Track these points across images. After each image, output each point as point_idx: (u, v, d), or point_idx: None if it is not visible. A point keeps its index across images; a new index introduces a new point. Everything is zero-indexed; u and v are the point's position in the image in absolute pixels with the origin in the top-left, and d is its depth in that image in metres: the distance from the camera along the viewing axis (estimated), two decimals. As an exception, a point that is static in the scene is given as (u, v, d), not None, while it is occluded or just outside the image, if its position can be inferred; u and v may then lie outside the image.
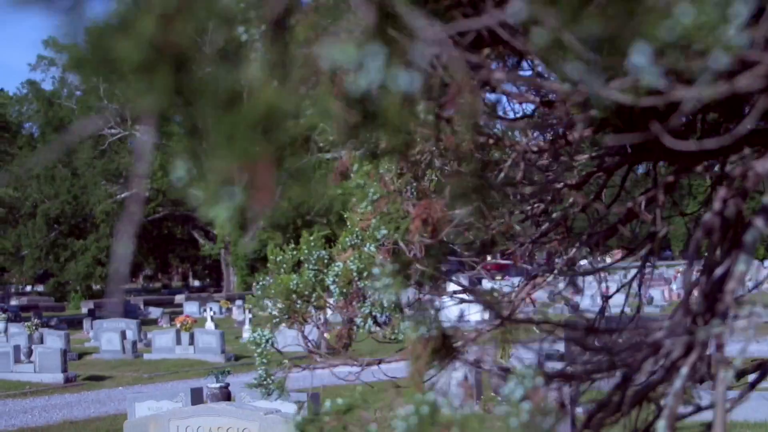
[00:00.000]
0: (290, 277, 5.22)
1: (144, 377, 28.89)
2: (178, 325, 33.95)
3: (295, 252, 5.46)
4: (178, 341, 33.50)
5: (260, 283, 5.33)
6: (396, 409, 1.96)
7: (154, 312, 56.41)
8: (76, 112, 75.17)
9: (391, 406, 3.57)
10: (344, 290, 5.00)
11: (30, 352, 29.74)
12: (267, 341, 5.10)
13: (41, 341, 33.10)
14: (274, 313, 5.04)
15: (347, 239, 5.18)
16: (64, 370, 28.42)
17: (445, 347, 2.31)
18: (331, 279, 5.09)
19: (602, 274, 3.66)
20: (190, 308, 51.91)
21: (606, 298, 3.50)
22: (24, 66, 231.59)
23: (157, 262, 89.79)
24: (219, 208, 1.44)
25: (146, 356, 33.75)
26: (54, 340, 32.82)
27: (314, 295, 5.13)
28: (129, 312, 51.34)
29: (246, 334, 38.65)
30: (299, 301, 5.15)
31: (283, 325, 5.71)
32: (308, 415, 2.05)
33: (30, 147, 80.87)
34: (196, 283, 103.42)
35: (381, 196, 2.76)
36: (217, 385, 15.02)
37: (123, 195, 74.23)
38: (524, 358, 2.12)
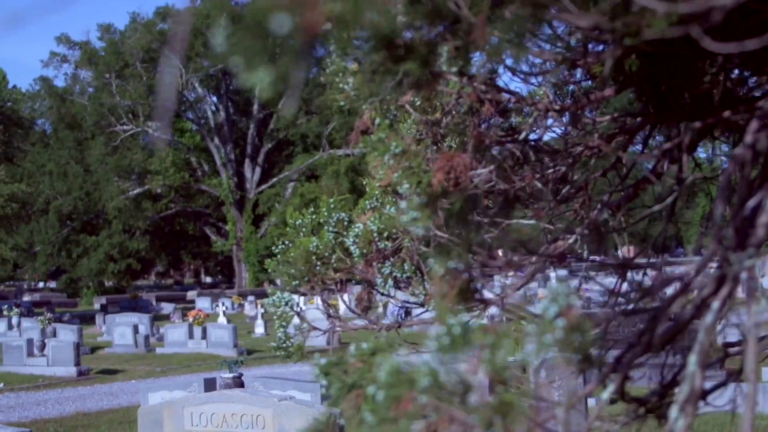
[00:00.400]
0: (310, 239, 5.18)
1: (156, 371, 28.91)
2: (191, 320, 33.96)
3: (314, 216, 5.42)
4: (191, 335, 33.52)
5: (279, 247, 5.29)
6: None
7: (167, 308, 56.44)
8: (89, 108, 75.18)
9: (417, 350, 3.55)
10: (364, 251, 4.96)
11: (43, 346, 29.78)
12: (286, 303, 5.06)
13: (54, 335, 33.13)
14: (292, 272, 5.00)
15: (367, 203, 5.13)
16: (77, 364, 28.47)
17: (470, 289, 2.28)
18: (351, 240, 5.05)
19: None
20: (202, 304, 51.94)
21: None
22: (36, 62, 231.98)
23: (169, 258, 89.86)
24: (260, 72, 1.42)
25: (159, 350, 33.79)
26: (67, 333, 32.87)
27: (334, 256, 5.09)
28: (141, 308, 51.43)
29: (259, 329, 38.69)
30: (319, 264, 5.11)
31: (303, 306, 5.68)
32: (332, 359, 2.02)
33: (42, 143, 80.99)
34: (208, 279, 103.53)
35: (403, 149, 2.72)
36: (231, 375, 14.98)
37: (135, 191, 74.36)
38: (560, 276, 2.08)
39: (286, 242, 5.24)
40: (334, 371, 2.01)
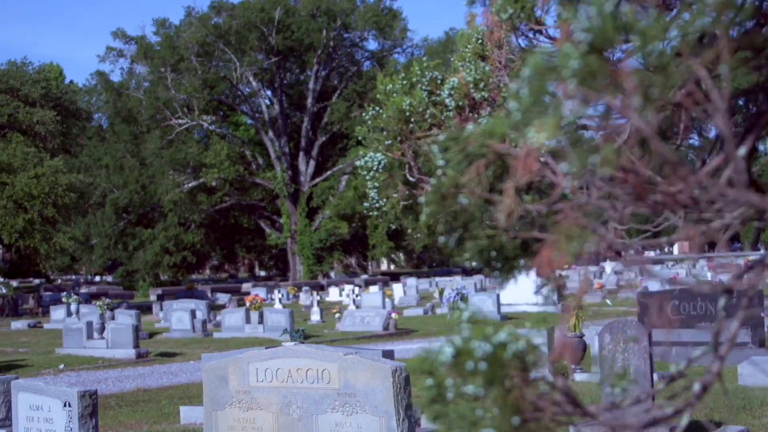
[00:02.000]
0: (402, 98, 5.12)
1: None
2: (248, 305, 34.06)
3: (404, 82, 5.36)
4: (248, 320, 33.61)
5: (370, 113, 5.24)
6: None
7: (222, 298, 56.76)
8: (144, 102, 75.79)
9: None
10: (460, 103, 4.90)
11: (102, 329, 30.03)
12: (378, 163, 5.01)
13: (113, 320, 33.41)
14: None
15: (459, 63, 5.07)
16: (136, 346, 28.65)
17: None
18: (447, 92, 4.99)
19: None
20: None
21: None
22: (91, 59, 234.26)
23: (223, 252, 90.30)
24: None
25: (216, 335, 33.94)
26: (125, 318, 33.13)
27: (428, 112, 5.02)
28: (197, 298, 51.70)
29: (315, 317, 38.72)
30: (413, 121, 5.05)
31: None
32: (451, 134, 1.95)
33: (99, 137, 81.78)
34: (262, 273, 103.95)
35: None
36: (292, 342, 14.99)
37: (190, 184, 74.84)
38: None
39: (376, 108, 5.18)
40: (453, 146, 1.94)
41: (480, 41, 4.76)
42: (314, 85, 78.53)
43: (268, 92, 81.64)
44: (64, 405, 11.55)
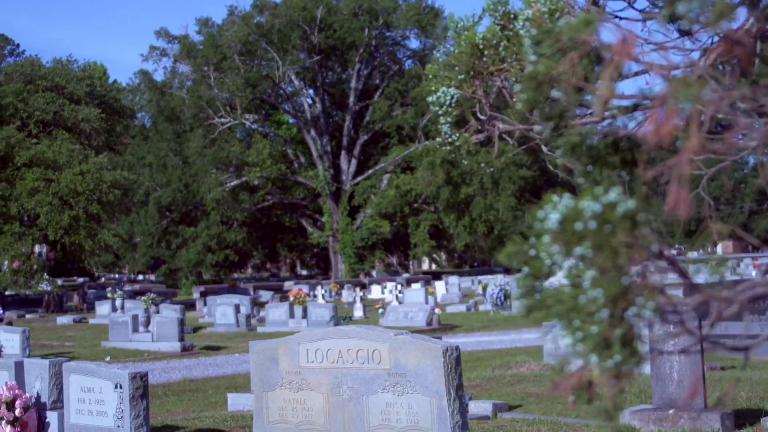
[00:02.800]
0: (475, 33, 5.10)
1: (259, 347, 29.09)
2: (291, 299, 34.14)
3: (474, 20, 5.34)
4: (291, 315, 33.71)
5: (440, 51, 5.23)
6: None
7: (265, 295, 56.98)
8: (187, 101, 76.20)
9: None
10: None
11: (148, 322, 30.20)
12: (451, 98, 4.99)
13: (158, 314, 33.62)
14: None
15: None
16: (181, 339, 28.80)
17: None
18: (521, 23, 4.97)
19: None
20: (300, 291, 52.22)
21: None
22: (133, 59, 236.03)
23: (265, 251, 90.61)
24: None
25: (260, 329, 34.05)
26: (170, 312, 33.29)
27: (502, 45, 5.01)
28: (240, 294, 51.93)
29: (357, 312, 38.75)
30: (486, 55, 5.03)
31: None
32: (544, 28, 1.94)
33: (142, 136, 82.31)
34: (304, 272, 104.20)
35: None
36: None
37: (233, 183, 75.15)
38: None
39: (445, 45, 5.17)
40: (546, 39, 1.92)
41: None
42: (356, 83, 78.61)
43: (310, 91, 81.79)
44: (116, 387, 11.64)
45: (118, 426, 11.60)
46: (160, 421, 14.39)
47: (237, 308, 34.62)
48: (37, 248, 52.77)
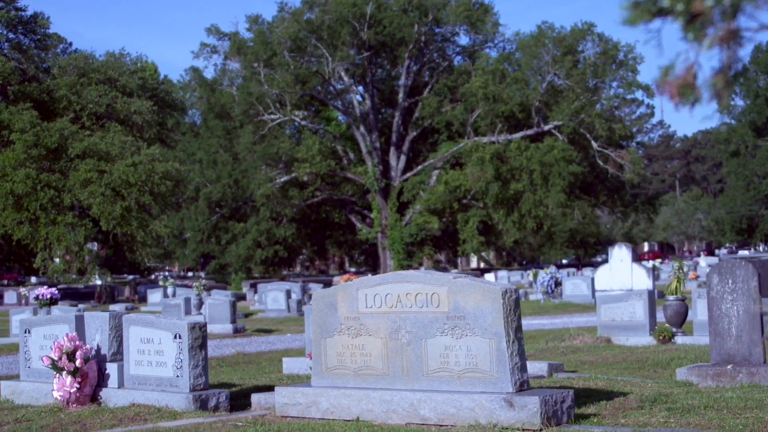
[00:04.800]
0: None
1: (310, 331, 29.21)
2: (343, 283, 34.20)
3: None
4: (343, 300, 33.77)
5: None
6: None
7: (315, 288, 57.11)
8: (237, 98, 76.64)
9: None
10: None
11: (200, 304, 30.42)
12: None
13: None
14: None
15: None
16: (233, 321, 28.99)
17: None
18: None
19: None
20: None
21: None
22: (184, 56, 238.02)
23: (314, 248, 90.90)
24: None
25: (311, 315, 34.12)
26: (221, 296, 33.52)
27: None
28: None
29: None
30: None
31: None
32: None
33: (192, 133, 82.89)
34: (352, 269, 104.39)
35: None
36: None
37: (282, 179, 75.46)
38: None
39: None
40: None
41: None
42: (405, 80, 78.64)
43: (360, 88, 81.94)
44: (175, 337, 11.75)
45: (177, 376, 11.70)
46: (217, 381, 14.52)
47: (288, 293, 34.76)
48: (89, 246, 53.25)
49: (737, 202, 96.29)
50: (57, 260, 48.41)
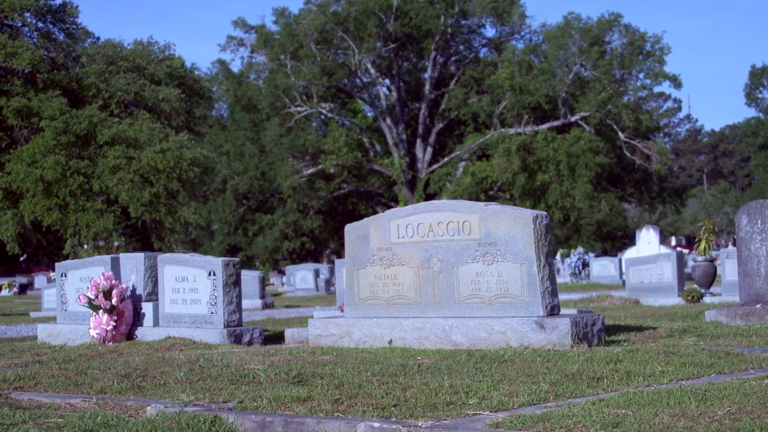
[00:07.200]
0: None
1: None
2: (370, 264, 34.32)
3: None
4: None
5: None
6: None
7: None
8: (264, 90, 76.86)
9: None
10: None
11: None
12: None
13: (238, 277, 34.02)
14: None
15: None
16: (262, 297, 29.19)
17: None
18: None
19: None
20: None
21: None
22: (211, 50, 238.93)
23: (341, 241, 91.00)
24: None
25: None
26: (250, 273, 33.67)
27: None
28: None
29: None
30: None
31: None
32: None
33: (219, 126, 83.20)
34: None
35: None
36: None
37: (309, 171, 75.66)
38: None
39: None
40: None
41: None
42: (432, 72, 78.69)
43: (386, 80, 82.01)
44: (209, 274, 11.93)
45: (212, 312, 11.88)
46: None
47: (317, 273, 34.91)
48: (116, 244, 53.41)
49: (766, 195, 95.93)
50: (86, 246, 48.67)
